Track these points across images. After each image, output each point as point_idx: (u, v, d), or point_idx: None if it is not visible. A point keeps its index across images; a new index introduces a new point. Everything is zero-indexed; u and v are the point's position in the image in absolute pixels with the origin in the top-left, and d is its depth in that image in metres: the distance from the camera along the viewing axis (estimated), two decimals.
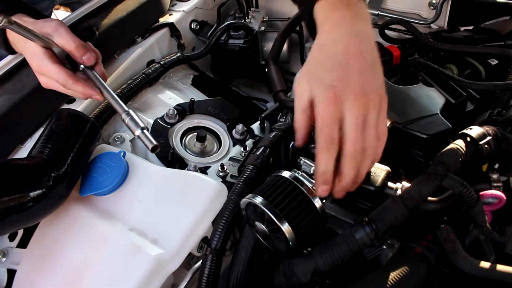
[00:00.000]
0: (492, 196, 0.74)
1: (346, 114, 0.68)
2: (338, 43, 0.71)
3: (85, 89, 0.95)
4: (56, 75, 0.93)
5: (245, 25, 1.42)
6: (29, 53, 0.95)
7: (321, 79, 0.70)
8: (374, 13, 1.39)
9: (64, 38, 0.93)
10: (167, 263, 0.80)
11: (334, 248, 0.71)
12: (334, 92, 0.68)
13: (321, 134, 0.68)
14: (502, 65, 1.21)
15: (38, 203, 0.79)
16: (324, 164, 0.69)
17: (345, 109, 0.68)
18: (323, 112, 0.69)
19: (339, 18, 0.74)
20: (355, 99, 0.68)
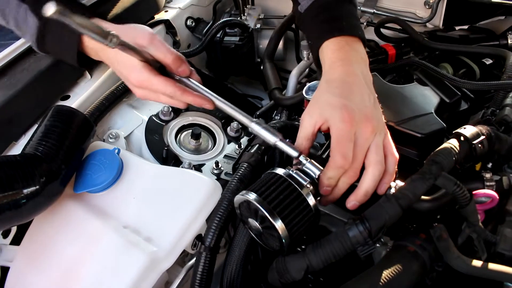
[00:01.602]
0: (485, 195, 0.74)
1: (359, 135, 0.74)
2: (347, 77, 0.79)
3: (195, 99, 0.87)
4: (163, 88, 0.85)
5: (240, 23, 1.42)
6: (124, 66, 0.87)
7: (333, 103, 0.75)
8: (370, 11, 1.39)
9: (161, 51, 0.84)
10: (161, 260, 0.80)
11: (327, 246, 0.71)
12: (348, 113, 0.74)
13: (336, 151, 0.73)
14: (496, 64, 1.22)
15: (32, 200, 0.78)
16: (333, 176, 0.74)
17: (358, 130, 0.74)
18: (339, 131, 0.73)
19: (347, 58, 0.81)
20: (367, 121, 0.74)
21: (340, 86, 0.78)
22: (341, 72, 0.80)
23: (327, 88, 0.79)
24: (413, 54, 1.28)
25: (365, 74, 0.82)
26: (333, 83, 0.79)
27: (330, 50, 0.83)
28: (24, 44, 1.10)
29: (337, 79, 0.79)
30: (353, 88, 0.78)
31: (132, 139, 1.09)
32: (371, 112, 0.76)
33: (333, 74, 0.80)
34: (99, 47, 0.89)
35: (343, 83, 0.78)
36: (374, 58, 1.23)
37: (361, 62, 0.83)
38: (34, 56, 1.09)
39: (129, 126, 1.10)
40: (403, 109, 0.97)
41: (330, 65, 0.82)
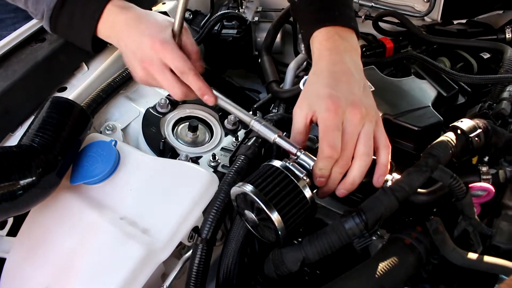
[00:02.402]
0: (481, 189, 0.75)
1: (347, 122, 0.74)
2: (334, 66, 0.79)
3: (201, 85, 0.86)
4: (177, 58, 0.83)
5: (238, 15, 1.41)
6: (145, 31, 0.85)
7: (320, 94, 0.76)
8: (368, 4, 1.39)
9: (173, 58, 0.84)
10: (157, 252, 0.80)
11: (324, 238, 0.71)
12: (333, 101, 0.74)
13: (323, 141, 0.73)
14: (494, 58, 1.22)
15: (28, 192, 0.78)
16: (324, 167, 0.74)
17: (345, 118, 0.74)
18: (324, 120, 0.74)
19: (336, 48, 0.81)
20: (354, 108, 0.74)
21: (327, 76, 0.78)
22: (328, 61, 0.80)
23: (315, 79, 0.79)
24: (411, 47, 1.28)
25: (355, 62, 0.81)
26: (320, 73, 0.79)
27: (319, 40, 0.83)
28: (21, 35, 1.10)
29: (324, 69, 0.79)
30: (340, 77, 0.78)
31: (129, 131, 1.09)
32: (359, 100, 0.76)
33: (320, 64, 0.81)
34: (108, 34, 0.89)
35: (330, 73, 0.78)
36: (372, 52, 1.23)
37: (351, 51, 0.82)
38: (31, 47, 1.08)
39: (126, 118, 1.10)
40: (400, 102, 0.97)
41: (318, 55, 0.82)
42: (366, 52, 1.23)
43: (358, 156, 0.74)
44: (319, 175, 0.75)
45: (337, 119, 0.73)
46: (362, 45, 1.27)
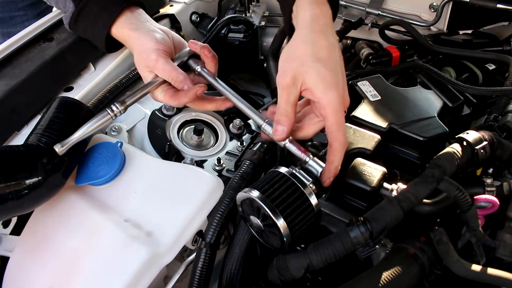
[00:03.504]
0: (486, 201, 0.75)
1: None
2: (331, 50, 0.78)
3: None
4: (168, 73, 0.90)
5: (245, 20, 1.42)
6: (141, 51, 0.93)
7: (327, 79, 0.75)
8: (375, 12, 1.39)
9: (165, 74, 0.91)
10: (161, 255, 0.80)
11: (329, 246, 0.72)
12: (340, 93, 0.75)
13: (340, 133, 0.75)
14: (499, 70, 1.22)
15: (34, 191, 0.78)
16: (340, 159, 0.76)
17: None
18: (338, 112, 0.75)
19: (327, 24, 0.81)
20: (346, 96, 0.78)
21: (328, 56, 0.77)
22: (323, 31, 0.79)
23: (313, 55, 0.77)
24: (417, 57, 1.29)
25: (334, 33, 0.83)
26: (321, 50, 0.78)
27: (311, 3, 0.81)
28: (29, 34, 1.10)
29: (326, 46, 0.78)
30: (337, 56, 0.79)
31: (135, 133, 1.09)
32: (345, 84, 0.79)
33: (317, 34, 0.79)
34: (121, 40, 0.98)
35: (330, 50, 0.78)
36: (378, 60, 1.23)
37: (332, 23, 0.83)
38: (39, 46, 1.09)
39: (132, 119, 1.10)
40: (406, 112, 0.97)
41: (309, 23, 0.80)
42: (372, 60, 1.23)
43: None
44: (335, 174, 0.76)
45: (343, 109, 0.76)
46: (368, 53, 1.28)
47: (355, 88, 1.05)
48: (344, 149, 0.76)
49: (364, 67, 1.30)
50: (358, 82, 1.06)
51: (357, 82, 1.06)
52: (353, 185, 0.81)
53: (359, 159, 0.84)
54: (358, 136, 0.89)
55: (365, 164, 0.82)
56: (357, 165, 0.82)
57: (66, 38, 1.10)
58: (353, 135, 0.89)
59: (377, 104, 0.99)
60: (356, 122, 0.94)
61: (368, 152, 0.87)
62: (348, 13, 1.44)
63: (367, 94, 1.02)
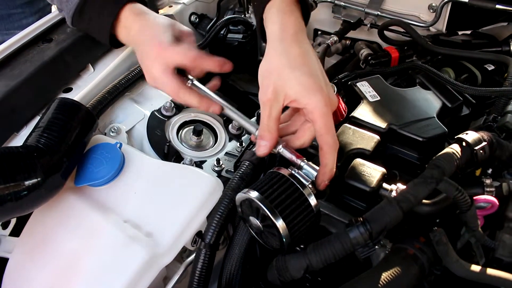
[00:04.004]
0: (485, 201, 0.75)
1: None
2: (305, 48, 0.79)
3: (201, 102, 0.90)
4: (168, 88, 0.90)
5: (244, 20, 1.42)
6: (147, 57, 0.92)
7: (308, 85, 0.75)
8: (374, 13, 1.39)
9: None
10: (160, 256, 0.80)
11: (328, 246, 0.72)
12: (324, 95, 0.75)
13: (330, 135, 0.76)
14: (498, 70, 1.22)
15: (33, 192, 0.78)
16: (333, 162, 0.76)
17: None
18: (325, 116, 0.75)
19: (299, 26, 0.81)
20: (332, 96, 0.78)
21: (303, 63, 0.77)
22: (294, 40, 0.79)
23: (289, 65, 0.77)
24: (416, 57, 1.29)
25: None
26: (295, 58, 0.78)
27: (278, 10, 0.81)
28: (28, 35, 1.10)
29: (299, 54, 0.78)
30: (313, 60, 0.79)
31: (134, 133, 1.09)
32: (330, 90, 0.79)
33: (289, 44, 0.79)
34: (125, 41, 0.97)
35: (304, 56, 0.78)
36: (377, 61, 1.23)
37: (303, 26, 0.83)
38: (38, 47, 1.09)
39: (131, 120, 1.10)
40: (405, 112, 0.97)
41: (279, 34, 0.80)
42: (371, 61, 1.24)
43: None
44: (330, 176, 0.76)
45: (330, 111, 0.76)
46: (367, 54, 1.28)
47: (354, 88, 1.05)
48: (335, 151, 0.76)
49: (363, 67, 1.30)
50: (357, 82, 1.06)
51: (356, 82, 1.06)
52: (352, 186, 0.81)
53: (359, 160, 0.84)
54: (357, 137, 0.89)
55: (365, 165, 0.82)
56: (357, 165, 0.83)
57: (65, 39, 1.10)
58: (352, 135, 0.90)
59: (376, 104, 0.99)
60: (355, 123, 0.94)
61: (368, 152, 0.87)
62: (347, 14, 1.44)
63: (366, 94, 1.02)
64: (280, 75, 0.77)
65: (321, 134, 0.76)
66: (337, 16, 1.45)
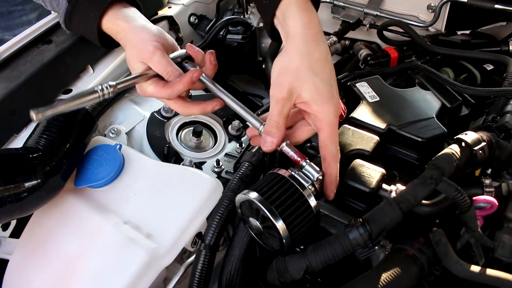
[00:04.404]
0: (484, 202, 0.75)
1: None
2: (325, 55, 0.79)
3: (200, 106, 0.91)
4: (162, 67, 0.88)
5: (244, 21, 1.42)
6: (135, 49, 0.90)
7: (323, 92, 0.76)
8: (373, 13, 1.39)
9: (159, 68, 0.88)
10: (160, 257, 0.81)
11: (328, 247, 0.72)
12: (336, 105, 0.77)
13: (334, 146, 0.77)
14: (497, 70, 1.22)
15: (33, 194, 0.79)
16: (337, 170, 0.78)
17: None
18: (333, 125, 0.77)
19: (317, 30, 0.80)
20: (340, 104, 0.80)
21: (322, 68, 0.78)
22: (316, 41, 0.78)
23: (309, 68, 0.77)
24: (415, 57, 1.29)
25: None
26: (316, 62, 0.77)
27: (299, 6, 0.79)
28: (28, 36, 1.10)
29: (320, 58, 0.78)
30: (331, 66, 0.79)
31: (134, 135, 1.09)
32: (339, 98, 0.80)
33: (312, 45, 0.78)
34: (114, 32, 0.94)
35: (324, 61, 0.78)
36: (376, 61, 1.23)
37: (320, 26, 0.82)
38: (37, 49, 1.09)
39: (131, 121, 1.11)
40: (404, 112, 0.97)
41: (302, 33, 0.79)
42: (370, 61, 1.24)
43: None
44: (337, 183, 0.78)
45: (337, 122, 0.77)
46: (366, 54, 1.28)
47: (353, 89, 1.05)
48: (337, 160, 0.78)
49: (362, 68, 1.30)
50: (356, 83, 1.06)
51: (356, 83, 1.06)
52: (352, 187, 0.81)
53: (358, 161, 0.84)
54: (356, 138, 0.89)
55: (364, 166, 0.82)
56: (356, 166, 0.82)
57: (64, 41, 1.10)
58: (352, 136, 0.90)
59: (376, 105, 0.99)
60: (354, 123, 0.94)
61: (367, 153, 0.87)
62: (346, 14, 1.44)
63: (365, 95, 1.02)
64: (298, 76, 0.77)
65: (326, 144, 0.77)
66: (336, 17, 1.45)
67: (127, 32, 0.92)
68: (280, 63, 0.80)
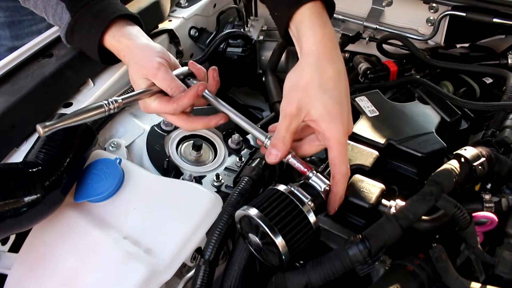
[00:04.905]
0: (484, 218, 0.75)
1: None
2: (337, 74, 0.78)
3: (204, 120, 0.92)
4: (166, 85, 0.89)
5: (244, 34, 1.43)
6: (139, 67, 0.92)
7: (332, 111, 0.76)
8: (372, 26, 1.40)
9: (163, 85, 0.89)
10: (160, 273, 0.80)
11: (327, 263, 0.71)
12: (345, 124, 0.77)
13: (344, 165, 0.77)
14: (496, 84, 1.23)
15: (33, 209, 0.78)
16: (344, 189, 0.78)
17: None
18: (342, 145, 0.77)
19: (331, 40, 0.80)
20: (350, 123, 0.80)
21: (334, 86, 0.77)
22: (330, 58, 0.78)
23: (319, 86, 0.77)
24: (414, 71, 1.30)
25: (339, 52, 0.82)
26: (328, 80, 0.77)
27: (311, 21, 0.79)
28: (29, 50, 1.11)
29: (332, 76, 0.77)
30: (343, 84, 0.79)
31: (133, 148, 1.09)
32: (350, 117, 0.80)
33: (324, 63, 0.78)
34: (116, 49, 0.95)
35: (337, 79, 0.78)
36: (376, 75, 1.24)
37: (335, 36, 0.82)
38: (38, 62, 1.09)
39: (131, 135, 1.11)
40: (404, 127, 0.97)
41: (316, 50, 0.78)
42: (370, 75, 1.24)
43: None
44: (340, 203, 0.78)
45: (346, 140, 0.78)
46: (366, 68, 1.28)
47: (353, 103, 1.05)
48: (346, 179, 0.78)
49: (362, 81, 1.30)
50: (356, 97, 1.06)
51: (355, 97, 1.06)
52: (351, 202, 0.80)
53: (358, 176, 0.84)
54: (356, 153, 0.89)
55: (364, 181, 0.82)
56: (356, 182, 0.83)
57: (65, 54, 1.11)
58: (351, 151, 0.90)
59: (375, 119, 0.99)
60: (354, 138, 0.94)
61: (367, 168, 0.87)
62: (346, 27, 1.45)
63: (365, 109, 1.02)
64: (308, 93, 0.77)
65: (335, 163, 0.77)
66: (335, 30, 1.46)
67: (130, 49, 0.93)
68: (292, 78, 0.80)
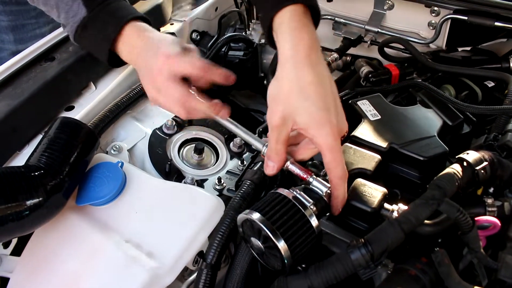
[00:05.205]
0: (487, 222, 0.75)
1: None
2: (317, 78, 0.76)
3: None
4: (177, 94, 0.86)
5: (245, 38, 1.43)
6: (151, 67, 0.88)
7: (316, 116, 0.75)
8: (374, 30, 1.40)
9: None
10: (162, 276, 0.80)
11: (329, 268, 0.71)
12: (332, 126, 0.75)
13: (339, 169, 0.76)
14: (498, 87, 1.23)
15: (35, 212, 0.78)
16: (345, 191, 0.78)
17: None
18: (333, 149, 0.75)
19: (312, 45, 0.77)
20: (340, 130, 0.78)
21: (315, 91, 0.75)
22: (307, 63, 0.75)
23: (299, 93, 0.75)
24: (416, 74, 1.29)
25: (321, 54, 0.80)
26: (308, 86, 0.75)
27: (289, 26, 0.77)
28: (31, 54, 1.11)
29: (313, 81, 0.75)
30: (326, 87, 0.77)
31: (135, 152, 1.09)
32: (341, 118, 0.78)
33: (301, 68, 0.75)
34: (131, 47, 0.90)
35: (318, 84, 0.75)
36: (377, 78, 1.24)
37: (317, 42, 0.79)
38: (40, 66, 1.10)
39: (133, 138, 1.11)
40: (406, 131, 0.97)
41: (291, 56, 0.76)
42: (372, 79, 1.24)
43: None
44: (342, 205, 0.78)
45: (339, 143, 0.76)
46: (368, 71, 1.28)
47: (354, 107, 1.05)
48: (345, 181, 0.77)
49: (363, 85, 1.30)
50: (357, 101, 1.06)
51: (357, 101, 1.06)
52: (354, 206, 0.80)
53: (360, 180, 0.84)
54: (358, 156, 0.89)
55: (366, 185, 0.82)
56: (358, 186, 0.82)
57: (67, 58, 1.11)
58: (353, 155, 0.90)
59: (377, 123, 0.99)
60: (356, 142, 0.94)
61: (369, 172, 0.87)
62: (348, 31, 1.44)
63: (367, 113, 1.02)
64: (289, 103, 0.75)
65: (330, 168, 0.76)
66: (337, 33, 1.46)
67: (153, 39, 0.90)
68: (271, 89, 0.79)
